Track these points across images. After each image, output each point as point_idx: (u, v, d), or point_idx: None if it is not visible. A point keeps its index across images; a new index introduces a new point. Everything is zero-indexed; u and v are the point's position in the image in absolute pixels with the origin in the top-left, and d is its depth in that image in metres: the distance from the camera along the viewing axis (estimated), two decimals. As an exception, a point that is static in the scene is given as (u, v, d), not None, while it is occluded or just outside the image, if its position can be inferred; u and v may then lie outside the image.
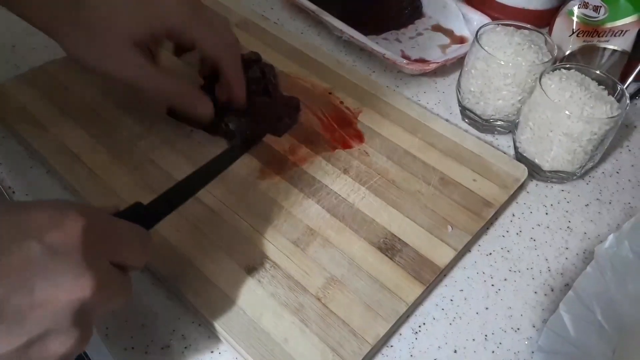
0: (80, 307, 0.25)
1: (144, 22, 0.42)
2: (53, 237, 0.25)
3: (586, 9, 0.56)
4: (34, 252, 0.24)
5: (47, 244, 0.25)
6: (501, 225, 0.46)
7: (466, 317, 0.40)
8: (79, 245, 0.26)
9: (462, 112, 0.55)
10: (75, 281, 0.25)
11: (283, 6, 0.68)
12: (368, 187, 0.46)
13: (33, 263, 0.24)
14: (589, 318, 0.38)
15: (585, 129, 0.44)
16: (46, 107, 0.50)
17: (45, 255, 0.25)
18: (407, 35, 0.65)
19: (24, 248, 0.24)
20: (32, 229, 0.25)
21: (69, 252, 0.25)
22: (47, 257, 0.25)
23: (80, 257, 0.25)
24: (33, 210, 0.26)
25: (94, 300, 0.26)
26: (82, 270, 0.25)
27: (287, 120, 0.50)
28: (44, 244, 0.25)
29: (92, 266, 0.26)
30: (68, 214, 0.26)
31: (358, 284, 0.39)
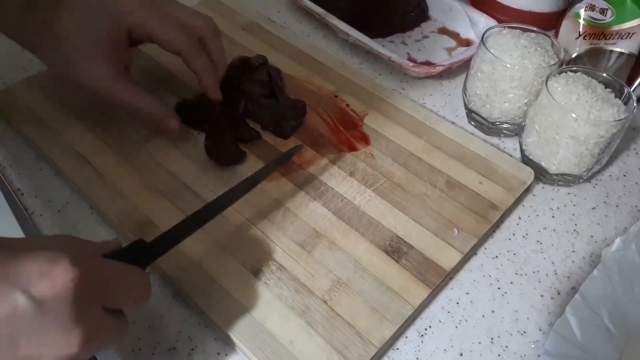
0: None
1: (105, 30, 0.42)
2: (42, 290, 0.24)
3: (593, 11, 0.56)
4: (20, 306, 0.23)
5: (35, 297, 0.23)
6: (507, 228, 0.46)
7: (472, 320, 0.40)
8: (69, 298, 0.24)
9: (468, 114, 0.55)
10: (64, 337, 0.24)
11: (289, 9, 0.68)
12: (374, 190, 0.46)
13: (19, 317, 0.23)
14: (595, 321, 0.37)
15: (592, 132, 0.44)
16: (54, 110, 0.50)
17: (33, 310, 0.23)
18: (413, 38, 0.65)
19: (10, 301, 0.23)
20: (19, 279, 0.24)
21: (57, 305, 0.24)
22: (34, 312, 0.23)
23: (69, 312, 0.24)
24: (22, 259, 0.24)
25: (82, 353, 0.25)
26: (71, 326, 0.24)
27: (293, 122, 0.50)
28: (31, 297, 0.23)
29: (82, 319, 0.25)
30: (58, 263, 0.24)
31: (364, 286, 0.39)
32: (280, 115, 0.50)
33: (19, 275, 0.24)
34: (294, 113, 0.51)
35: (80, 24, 0.42)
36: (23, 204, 0.46)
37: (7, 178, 0.48)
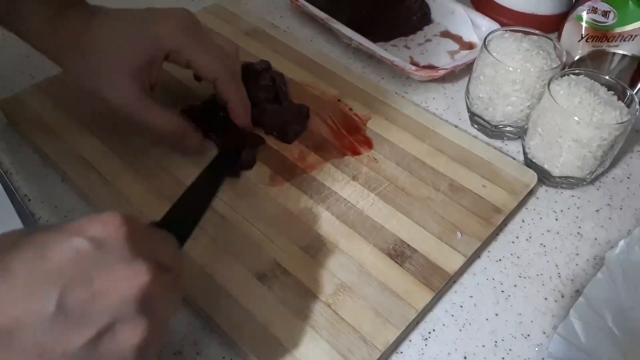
0: (142, 294, 0.25)
1: (143, 49, 0.42)
2: (96, 232, 0.25)
3: (595, 14, 0.56)
4: (81, 246, 0.24)
5: (93, 238, 0.25)
6: (511, 231, 0.46)
7: (476, 324, 0.40)
8: (123, 238, 0.25)
9: (471, 118, 0.55)
10: (130, 269, 0.25)
11: (292, 14, 0.69)
12: (377, 194, 0.46)
13: (83, 256, 0.24)
14: (599, 324, 0.37)
15: (594, 134, 0.44)
16: (60, 116, 0.51)
17: (94, 249, 0.24)
18: (415, 42, 0.65)
19: (71, 244, 0.24)
20: (73, 229, 0.25)
21: (115, 244, 0.25)
22: (95, 250, 0.24)
23: (127, 247, 0.25)
24: (68, 222, 0.26)
25: (153, 287, 0.25)
26: (133, 259, 0.25)
27: (297, 127, 0.50)
28: (89, 238, 0.25)
29: (141, 255, 0.26)
30: (104, 214, 0.26)
31: (368, 290, 0.39)
32: (284, 120, 0.50)
33: (72, 227, 0.25)
34: (298, 118, 0.51)
35: (113, 40, 0.42)
36: (30, 210, 0.46)
37: (14, 184, 0.48)
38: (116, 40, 0.42)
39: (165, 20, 0.43)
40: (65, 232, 0.25)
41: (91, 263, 0.24)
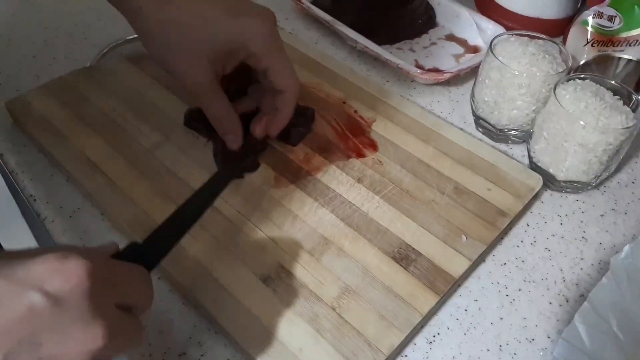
0: (92, 358, 0.24)
1: (227, 39, 0.42)
2: (55, 285, 0.23)
3: (601, 18, 0.56)
4: (36, 304, 0.22)
5: (50, 294, 0.23)
6: (515, 235, 0.46)
7: (480, 328, 0.40)
8: (85, 291, 0.24)
9: (476, 121, 0.55)
10: (85, 331, 0.23)
11: (298, 16, 0.69)
12: (382, 196, 0.46)
13: (36, 315, 0.22)
14: (604, 329, 0.37)
15: (600, 139, 0.44)
16: (66, 117, 0.51)
17: (49, 306, 0.23)
18: (420, 45, 0.65)
19: (24, 301, 0.22)
20: (31, 279, 0.23)
21: (74, 300, 0.23)
22: (51, 308, 0.23)
23: (87, 304, 0.24)
24: (30, 261, 0.24)
25: (106, 349, 0.24)
26: (91, 319, 0.24)
27: (302, 129, 0.50)
28: (46, 294, 0.23)
29: (101, 313, 0.24)
30: (68, 259, 0.24)
31: (372, 293, 0.39)
32: (289, 122, 0.50)
33: (31, 276, 0.23)
34: (302, 120, 0.51)
35: (200, 20, 0.41)
36: (35, 210, 0.46)
37: (20, 184, 0.48)
38: (198, 21, 0.41)
39: (254, 19, 0.42)
40: (23, 284, 0.23)
41: (44, 323, 0.22)
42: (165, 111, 0.52)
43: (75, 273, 0.24)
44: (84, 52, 0.61)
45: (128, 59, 0.57)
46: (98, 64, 0.58)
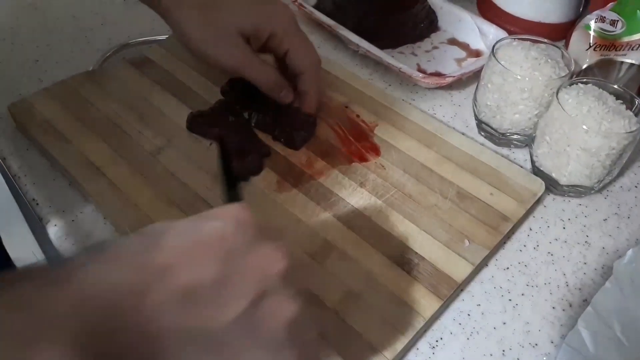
0: (285, 272, 0.26)
1: (254, 20, 0.46)
2: (233, 219, 0.26)
3: (603, 23, 0.56)
4: (227, 228, 0.25)
5: (233, 222, 0.26)
6: (518, 239, 0.46)
7: (483, 332, 0.40)
8: (255, 225, 0.26)
9: (478, 125, 0.55)
10: (272, 250, 0.26)
11: (300, 21, 0.69)
12: (384, 201, 0.46)
13: (231, 235, 0.25)
14: (608, 334, 0.37)
15: (603, 143, 0.44)
16: (69, 120, 0.51)
17: (236, 230, 0.25)
18: (422, 49, 0.65)
19: (218, 225, 0.25)
20: (211, 216, 0.26)
21: (251, 230, 0.26)
22: (238, 231, 0.25)
23: (260, 235, 0.26)
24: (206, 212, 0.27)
25: (289, 269, 0.26)
26: (271, 245, 0.26)
27: (304, 133, 0.50)
28: (230, 223, 0.26)
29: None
30: (230, 206, 0.27)
31: (375, 298, 0.39)
32: (291, 127, 0.50)
33: (211, 214, 0.26)
34: (305, 124, 0.51)
35: (233, 9, 0.46)
36: (37, 214, 0.47)
37: (22, 188, 0.48)
38: (235, 3, 0.46)
39: (277, 6, 0.48)
40: (205, 218, 0.26)
41: (239, 241, 0.25)
42: (168, 115, 0.52)
43: (242, 211, 0.27)
44: (86, 56, 0.61)
45: (131, 63, 0.57)
46: (101, 68, 0.58)
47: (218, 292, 0.24)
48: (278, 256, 0.26)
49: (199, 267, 0.24)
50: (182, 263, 0.24)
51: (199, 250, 0.24)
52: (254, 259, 0.25)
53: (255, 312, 0.24)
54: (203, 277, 0.24)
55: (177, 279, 0.23)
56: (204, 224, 0.26)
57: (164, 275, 0.23)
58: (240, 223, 0.26)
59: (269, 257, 0.26)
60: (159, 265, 0.23)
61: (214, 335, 0.23)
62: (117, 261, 0.23)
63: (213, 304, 0.24)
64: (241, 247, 0.25)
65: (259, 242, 0.26)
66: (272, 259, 0.26)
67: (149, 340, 0.22)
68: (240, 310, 0.24)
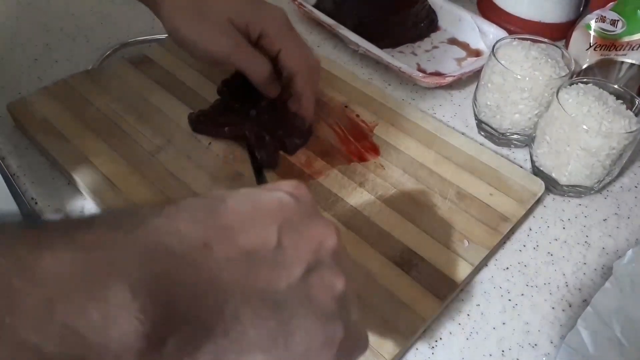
0: (338, 248, 0.26)
1: (246, 15, 0.46)
2: (295, 191, 0.27)
3: (603, 22, 0.56)
4: (285, 198, 0.26)
5: (293, 194, 0.27)
6: (518, 239, 0.46)
7: (483, 332, 0.40)
8: (312, 200, 0.28)
9: (478, 125, 0.55)
10: (327, 224, 0.27)
11: (300, 20, 0.69)
12: (384, 201, 0.46)
13: (288, 205, 0.26)
14: (607, 334, 0.37)
15: (603, 143, 0.44)
16: (68, 120, 0.51)
17: (294, 202, 0.26)
18: (422, 49, 0.65)
19: (276, 195, 0.26)
20: (271, 187, 0.27)
21: (308, 203, 0.27)
22: (295, 203, 0.26)
23: (317, 208, 0.28)
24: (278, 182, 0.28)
25: (342, 247, 0.27)
26: (323, 219, 0.27)
27: (297, 141, 0.50)
28: (290, 194, 0.27)
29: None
30: (289, 181, 0.28)
31: (374, 298, 0.39)
32: (284, 132, 0.50)
33: (270, 186, 0.27)
34: (300, 131, 0.50)
35: (223, 3, 0.45)
36: (36, 213, 0.46)
37: (21, 187, 0.48)
38: (224, 9, 0.45)
39: (270, 6, 0.48)
40: (266, 189, 0.27)
41: (296, 212, 0.26)
42: (167, 114, 0.52)
43: (301, 185, 0.28)
44: (86, 55, 0.61)
45: (130, 62, 0.57)
46: (100, 67, 0.58)
47: (276, 257, 0.24)
48: (331, 232, 0.27)
49: (259, 231, 0.24)
50: (244, 226, 0.24)
51: (260, 216, 0.25)
52: (309, 230, 0.26)
53: (309, 280, 0.25)
54: (263, 241, 0.24)
55: (240, 240, 0.24)
56: (265, 193, 0.26)
57: (228, 234, 0.24)
58: (298, 197, 0.27)
59: (323, 232, 0.26)
60: (223, 225, 0.24)
61: (272, 296, 0.24)
62: (184, 217, 0.24)
63: (272, 267, 0.24)
64: (298, 219, 0.26)
65: (314, 216, 0.27)
66: (326, 234, 0.26)
67: (214, 293, 0.23)
68: (296, 277, 0.25)
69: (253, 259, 0.24)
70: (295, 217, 0.26)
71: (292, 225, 0.25)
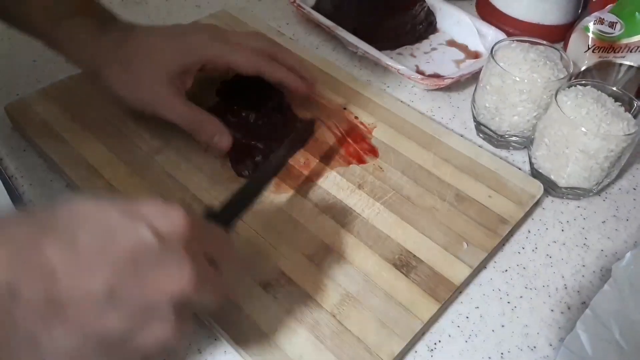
0: (182, 296, 0.26)
1: (180, 59, 0.47)
2: (162, 225, 0.26)
3: (602, 25, 0.56)
4: (147, 239, 0.25)
5: (157, 231, 0.25)
6: (517, 241, 0.46)
7: (482, 335, 0.40)
8: (183, 236, 0.26)
9: (476, 127, 0.55)
10: (179, 271, 0.26)
11: (298, 21, 0.69)
12: (382, 203, 0.46)
13: (146, 249, 0.25)
14: (606, 337, 0.37)
15: (601, 146, 0.44)
16: (66, 121, 0.51)
17: (155, 243, 0.25)
18: (421, 50, 0.65)
19: (138, 234, 0.25)
20: (142, 216, 0.26)
21: (174, 241, 0.26)
22: (156, 245, 0.25)
23: (183, 249, 0.26)
24: (142, 202, 0.27)
25: (194, 292, 0.26)
26: (185, 262, 0.26)
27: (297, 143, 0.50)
28: (155, 231, 0.25)
29: (193, 258, 0.26)
30: (173, 206, 0.27)
31: (373, 300, 0.39)
32: (283, 135, 0.49)
33: (142, 213, 0.26)
34: (297, 133, 0.50)
35: (150, 53, 0.46)
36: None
37: (19, 189, 0.48)
38: (152, 52, 0.46)
39: (196, 34, 0.48)
40: (136, 219, 0.25)
41: (149, 257, 0.25)
42: (165, 116, 0.52)
43: (177, 217, 0.26)
44: (84, 56, 0.60)
45: (128, 64, 0.57)
46: (98, 69, 0.58)
47: (101, 307, 0.24)
48: (181, 281, 0.26)
49: (87, 280, 0.24)
50: (69, 271, 0.23)
51: (100, 263, 0.24)
52: (154, 282, 0.25)
53: (132, 334, 0.25)
54: (92, 290, 0.24)
55: (58, 289, 0.23)
56: (124, 226, 0.25)
57: (46, 280, 0.23)
58: (163, 231, 0.26)
59: (171, 283, 0.25)
60: (43, 267, 0.23)
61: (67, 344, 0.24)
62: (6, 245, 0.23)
63: (93, 317, 0.24)
64: (149, 265, 0.25)
65: (171, 261, 0.26)
66: (172, 285, 0.25)
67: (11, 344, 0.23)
68: (119, 329, 0.24)
69: (65, 309, 0.23)
70: (147, 263, 0.25)
71: (137, 274, 0.25)
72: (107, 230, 0.25)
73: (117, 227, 0.25)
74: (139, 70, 0.46)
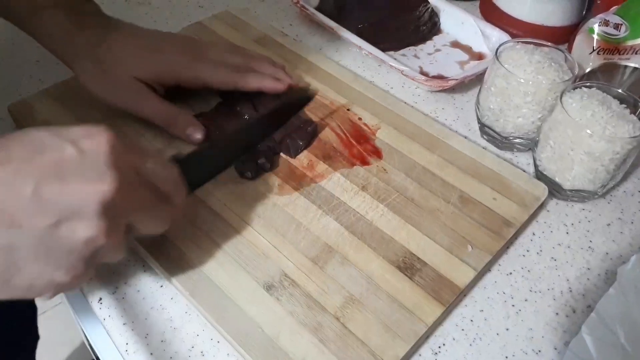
0: (105, 200, 0.29)
1: (154, 75, 0.48)
2: (85, 144, 0.30)
3: (607, 26, 0.56)
4: (68, 153, 0.29)
5: (80, 148, 0.30)
6: (521, 244, 0.46)
7: (486, 338, 0.40)
8: (107, 152, 0.30)
9: (481, 129, 0.55)
10: (99, 179, 0.29)
11: (302, 22, 0.69)
12: (386, 205, 0.46)
13: (68, 160, 0.29)
14: (612, 341, 0.37)
15: (607, 148, 0.44)
16: (69, 121, 0.51)
17: (76, 156, 0.29)
18: (425, 51, 0.65)
19: (60, 149, 0.29)
20: (69, 136, 0.30)
21: (96, 155, 0.30)
22: (77, 157, 0.29)
23: (105, 161, 0.30)
24: (72, 126, 0.31)
25: (118, 199, 0.30)
26: (107, 171, 0.30)
27: (300, 142, 0.49)
28: (77, 147, 0.29)
29: (117, 170, 0.30)
30: (100, 130, 0.31)
31: (377, 303, 0.39)
32: (287, 134, 0.49)
33: (69, 134, 0.30)
34: (303, 133, 0.50)
35: (126, 56, 0.48)
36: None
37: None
38: (126, 60, 0.48)
39: (172, 52, 0.49)
40: (63, 138, 0.30)
41: (71, 167, 0.29)
42: (168, 117, 0.52)
43: (102, 137, 0.31)
44: (87, 56, 0.60)
45: (131, 64, 0.57)
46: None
47: (28, 206, 0.28)
48: (101, 187, 0.29)
49: (18, 185, 0.28)
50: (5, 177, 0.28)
51: (27, 169, 0.28)
52: (74, 185, 0.29)
53: (58, 229, 0.29)
54: (19, 191, 0.28)
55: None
56: (53, 141, 0.29)
57: None
58: (88, 150, 0.30)
59: (90, 187, 0.29)
60: None
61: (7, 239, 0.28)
62: None
63: (22, 214, 0.28)
64: (70, 173, 0.29)
65: (91, 170, 0.29)
66: (91, 189, 0.29)
67: None
68: (44, 225, 0.28)
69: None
70: (69, 171, 0.29)
71: (60, 179, 0.28)
72: (38, 145, 0.29)
73: (46, 144, 0.29)
74: (112, 71, 0.47)
